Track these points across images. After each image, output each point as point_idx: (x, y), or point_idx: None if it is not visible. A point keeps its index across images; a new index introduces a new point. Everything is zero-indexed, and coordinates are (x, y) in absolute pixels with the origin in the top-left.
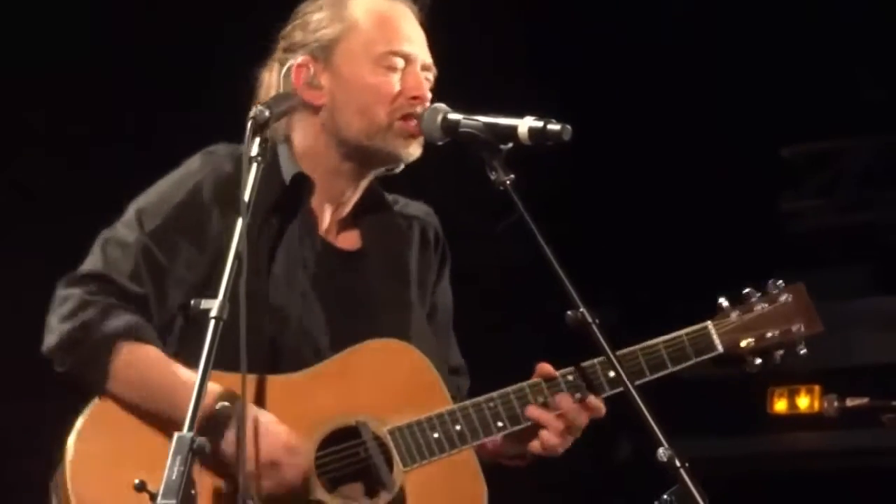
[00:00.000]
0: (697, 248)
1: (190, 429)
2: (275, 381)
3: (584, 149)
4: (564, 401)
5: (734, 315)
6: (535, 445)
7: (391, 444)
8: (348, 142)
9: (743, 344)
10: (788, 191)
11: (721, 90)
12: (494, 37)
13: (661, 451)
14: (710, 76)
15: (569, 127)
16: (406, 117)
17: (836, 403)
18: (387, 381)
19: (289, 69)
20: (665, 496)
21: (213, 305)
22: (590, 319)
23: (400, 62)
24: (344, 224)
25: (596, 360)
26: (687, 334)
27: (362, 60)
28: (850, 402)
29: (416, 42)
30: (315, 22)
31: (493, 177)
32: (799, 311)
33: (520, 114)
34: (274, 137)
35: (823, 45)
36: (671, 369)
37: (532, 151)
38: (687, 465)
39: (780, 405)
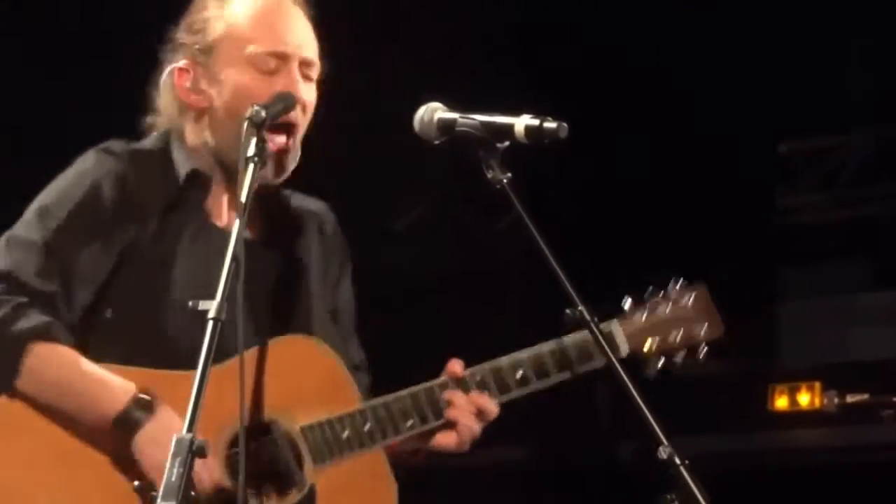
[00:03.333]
0: (695, 244)
1: (189, 430)
2: (184, 378)
3: (581, 145)
4: (458, 398)
5: (638, 316)
6: (444, 441)
7: (302, 443)
8: (218, 153)
9: (646, 347)
10: (785, 186)
11: (717, 86)
12: (491, 35)
13: (661, 448)
14: (707, 71)
15: (565, 125)
16: (275, 129)
17: (836, 400)
18: (297, 378)
19: (171, 72)
20: (667, 495)
21: (212, 306)
22: (588, 318)
23: (273, 63)
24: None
25: (504, 359)
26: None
27: (236, 61)
28: (850, 399)
29: (293, 40)
30: (199, 22)
31: (489, 175)
32: (701, 313)
33: (516, 112)
34: (171, 132)
35: (819, 40)
36: (576, 371)
37: (529, 149)
38: (687, 462)
39: (781, 402)
